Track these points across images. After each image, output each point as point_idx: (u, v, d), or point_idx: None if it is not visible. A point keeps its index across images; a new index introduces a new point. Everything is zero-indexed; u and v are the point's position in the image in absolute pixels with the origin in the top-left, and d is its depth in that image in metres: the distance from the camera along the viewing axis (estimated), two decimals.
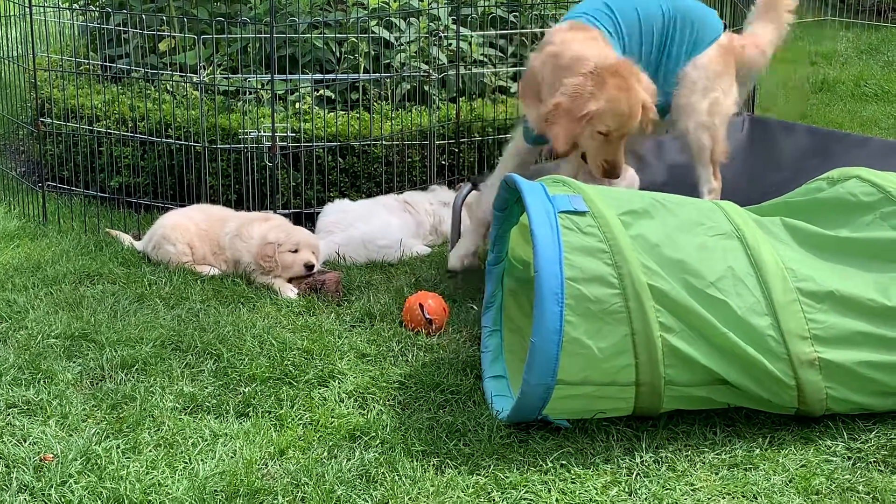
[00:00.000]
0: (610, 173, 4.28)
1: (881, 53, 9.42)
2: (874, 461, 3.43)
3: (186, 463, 3.42)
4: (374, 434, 3.58)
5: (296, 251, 4.81)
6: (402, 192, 5.52)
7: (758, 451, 3.47)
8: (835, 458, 3.44)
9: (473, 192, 5.12)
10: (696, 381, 3.51)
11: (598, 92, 4.13)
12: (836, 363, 3.51)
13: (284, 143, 5.46)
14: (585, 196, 3.59)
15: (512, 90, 6.20)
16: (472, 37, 6.03)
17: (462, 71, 5.94)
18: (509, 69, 6.19)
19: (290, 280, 4.81)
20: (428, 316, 4.34)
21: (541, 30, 6.26)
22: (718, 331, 3.46)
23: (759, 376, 3.50)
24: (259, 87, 5.73)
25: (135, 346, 4.16)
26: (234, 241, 4.91)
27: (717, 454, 3.46)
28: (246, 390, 3.86)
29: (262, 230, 4.87)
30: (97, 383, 3.95)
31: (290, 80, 5.64)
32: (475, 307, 4.57)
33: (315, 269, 4.81)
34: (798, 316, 3.53)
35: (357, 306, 4.57)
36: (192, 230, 5.01)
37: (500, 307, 4.12)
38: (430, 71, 5.84)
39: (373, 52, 5.84)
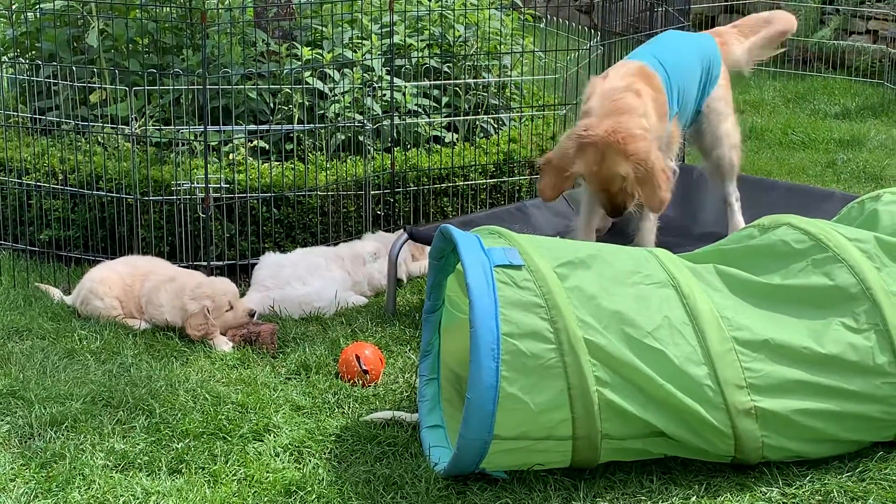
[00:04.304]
0: (611, 214, 4.72)
1: (807, 102, 9.61)
2: None
3: None
4: (310, 489, 3.53)
5: (230, 309, 4.76)
6: (335, 245, 5.47)
7: (694, 498, 3.48)
8: None
9: (410, 242, 5.13)
10: (633, 434, 3.51)
11: (578, 158, 4.48)
12: (773, 412, 3.54)
13: (218, 195, 5.42)
14: (521, 249, 3.60)
15: (447, 140, 6.22)
16: (405, 87, 6.05)
17: (396, 121, 5.95)
18: (443, 119, 6.22)
19: (223, 332, 4.75)
20: (364, 367, 4.31)
21: (474, 80, 6.31)
22: (655, 382, 3.47)
23: (695, 426, 3.52)
24: (192, 138, 5.69)
25: (65, 403, 4.07)
26: (149, 308, 4.84)
27: (654, 502, 3.46)
28: (179, 446, 3.79)
29: (172, 298, 4.78)
30: (26, 441, 3.85)
31: (224, 131, 5.60)
32: (412, 356, 4.55)
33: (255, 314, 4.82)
34: (734, 365, 3.55)
35: (292, 358, 4.53)
36: (119, 284, 4.93)
37: (437, 355, 4.10)
38: (365, 121, 5.85)
39: (307, 103, 5.84)
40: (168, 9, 6.11)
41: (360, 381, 4.28)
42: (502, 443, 3.43)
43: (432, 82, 6.18)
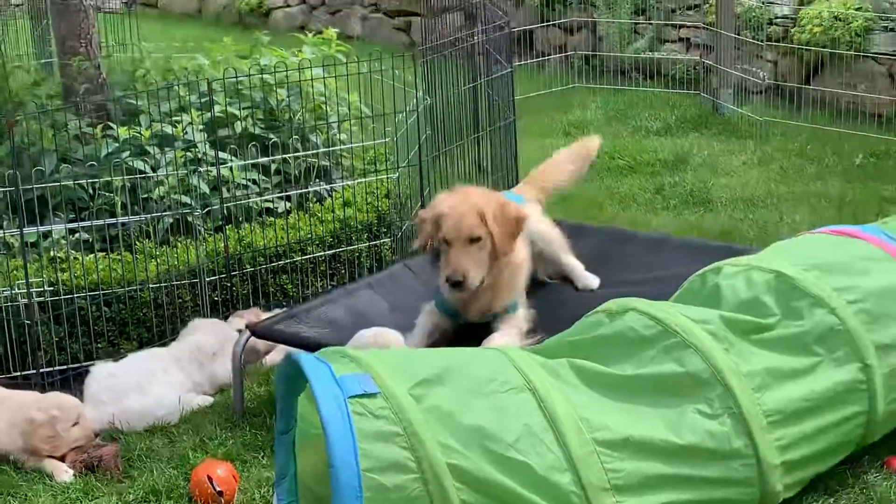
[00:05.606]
0: (454, 283, 4.54)
1: (629, 118, 9.76)
2: None
3: None
4: None
5: (76, 423, 4.52)
6: (166, 345, 5.25)
7: None
8: None
9: (252, 339, 4.96)
10: None
11: (446, 200, 4.66)
12: None
13: (42, 299, 5.11)
14: (374, 374, 3.48)
15: (279, 210, 6.04)
16: (232, 160, 5.83)
17: (225, 195, 5.73)
18: (274, 196, 6.01)
19: (62, 458, 4.48)
20: (218, 488, 4.12)
21: (303, 154, 6.13)
22: (522, 497, 3.40)
23: None
24: (8, 238, 5.33)
25: None
26: None
27: None
28: None
29: (10, 417, 4.51)
30: None
31: (42, 229, 5.27)
32: (267, 463, 4.39)
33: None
34: (597, 468, 3.53)
35: (140, 482, 4.29)
36: None
37: (293, 477, 3.95)
38: (193, 205, 5.61)
39: (128, 184, 5.55)
40: None
41: None
42: None
43: (259, 159, 5.91)
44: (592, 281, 5.22)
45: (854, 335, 4.01)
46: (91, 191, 5.63)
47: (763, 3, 9.79)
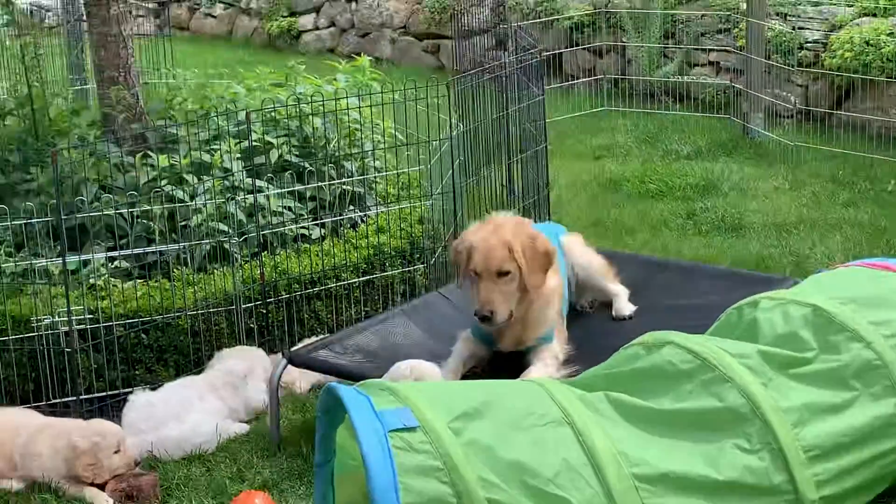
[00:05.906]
0: (482, 317, 4.59)
1: (659, 142, 9.77)
2: None
3: None
4: None
5: (117, 451, 4.57)
6: (199, 373, 5.30)
7: None
8: None
9: (290, 367, 5.00)
10: None
11: (477, 232, 4.71)
12: None
13: (82, 326, 5.17)
14: (414, 408, 3.52)
15: (314, 236, 6.09)
16: (268, 188, 5.89)
17: (261, 222, 5.78)
18: (310, 223, 6.05)
19: (103, 486, 4.52)
20: None
21: (340, 181, 6.18)
22: None
23: None
24: (49, 265, 5.40)
25: None
26: (26, 460, 4.59)
27: None
28: None
29: (53, 444, 4.57)
30: None
31: (83, 258, 5.34)
32: (305, 492, 4.42)
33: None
34: (636, 503, 3.55)
35: None
36: None
37: None
38: (230, 232, 5.67)
39: (167, 212, 5.62)
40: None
41: None
42: None
43: (294, 187, 5.96)
44: (625, 310, 5.24)
45: (891, 369, 4.01)
46: (130, 219, 5.70)
47: (793, 27, 9.79)
